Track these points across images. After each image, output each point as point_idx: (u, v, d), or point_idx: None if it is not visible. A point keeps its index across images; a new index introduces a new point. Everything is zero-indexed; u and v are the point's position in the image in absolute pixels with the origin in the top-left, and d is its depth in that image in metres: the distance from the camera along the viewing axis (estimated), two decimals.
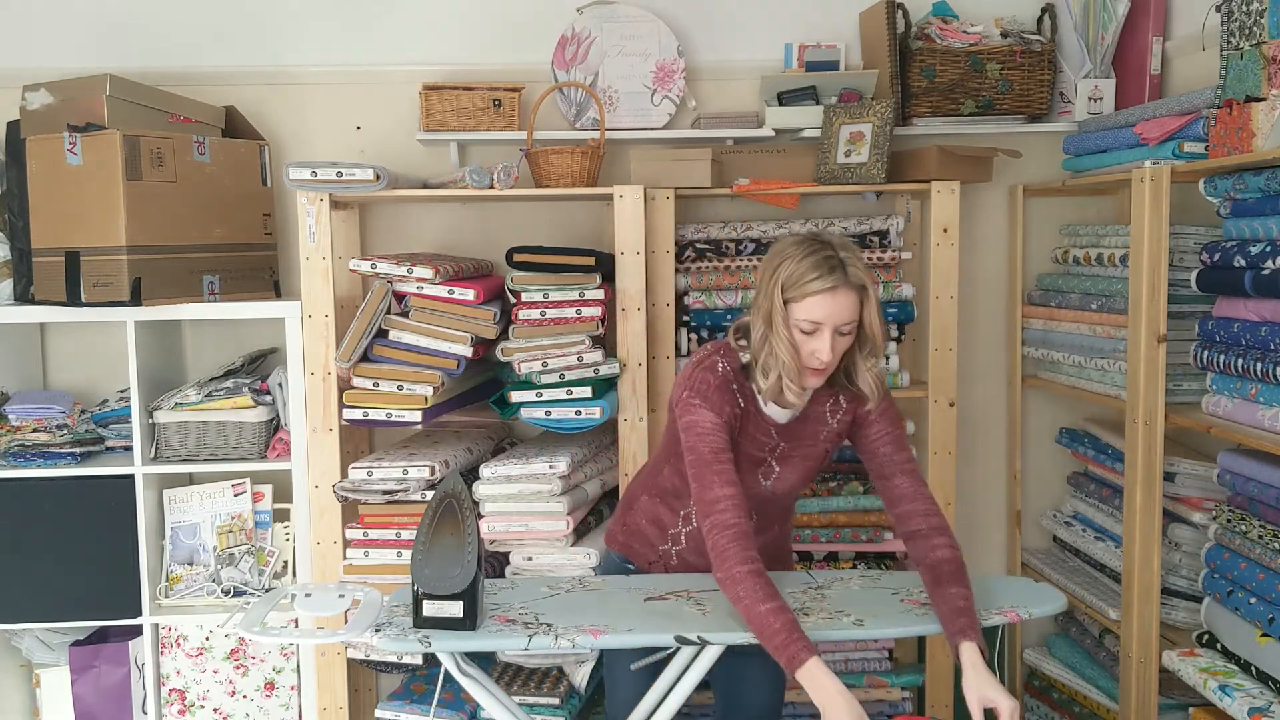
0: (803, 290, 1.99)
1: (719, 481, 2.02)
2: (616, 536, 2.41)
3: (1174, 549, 2.57)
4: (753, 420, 2.13)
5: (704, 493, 2.03)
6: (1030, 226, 3.17)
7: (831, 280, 1.98)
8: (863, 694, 2.96)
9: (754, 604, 1.93)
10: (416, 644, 2.00)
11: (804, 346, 2.02)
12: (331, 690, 2.80)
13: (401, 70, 3.07)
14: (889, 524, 2.93)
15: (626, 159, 2.95)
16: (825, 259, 1.99)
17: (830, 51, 3.03)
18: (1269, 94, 2.22)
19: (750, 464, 2.16)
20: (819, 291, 1.98)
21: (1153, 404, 2.48)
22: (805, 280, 1.99)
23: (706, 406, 2.06)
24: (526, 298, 2.69)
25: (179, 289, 2.74)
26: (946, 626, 2.01)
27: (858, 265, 2.01)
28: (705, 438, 2.05)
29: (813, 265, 1.99)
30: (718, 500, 2.01)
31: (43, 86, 2.77)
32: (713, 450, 2.04)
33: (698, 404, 2.07)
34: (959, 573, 2.06)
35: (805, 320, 2.00)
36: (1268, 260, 2.16)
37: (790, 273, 2.00)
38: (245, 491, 2.94)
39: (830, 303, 1.98)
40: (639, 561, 2.36)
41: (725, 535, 1.98)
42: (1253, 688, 2.19)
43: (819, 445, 2.20)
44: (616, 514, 2.44)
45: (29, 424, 2.84)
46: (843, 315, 2.00)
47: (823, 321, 1.99)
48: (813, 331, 2.01)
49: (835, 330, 2.01)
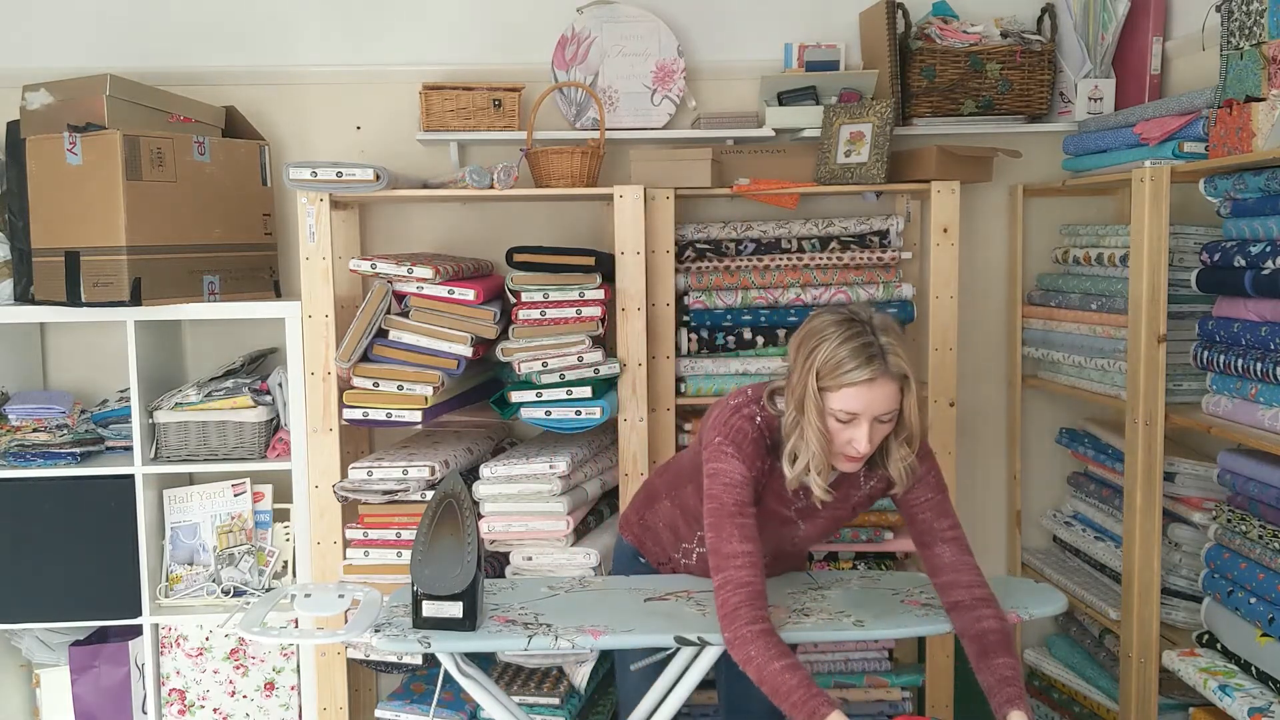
0: (839, 380, 1.88)
1: (738, 537, 1.95)
2: (633, 527, 2.38)
3: (1174, 549, 2.57)
4: (777, 478, 2.05)
5: (721, 545, 1.96)
6: (1030, 226, 3.17)
7: (870, 371, 1.87)
8: (863, 694, 2.96)
9: (766, 663, 1.87)
10: (416, 644, 2.00)
11: (839, 435, 1.93)
12: (331, 690, 2.80)
13: (401, 70, 3.07)
14: (889, 524, 2.92)
15: (626, 159, 2.95)
16: (864, 346, 1.88)
17: (830, 51, 3.03)
18: (1269, 94, 2.22)
19: (776, 521, 2.11)
20: (857, 383, 1.88)
21: (1153, 404, 2.48)
22: (843, 370, 1.88)
23: (738, 458, 1.99)
24: (526, 298, 2.69)
25: (179, 289, 2.74)
26: (993, 696, 1.94)
27: (899, 353, 1.90)
28: (731, 490, 1.98)
29: (851, 354, 1.88)
30: (735, 556, 1.94)
31: (43, 86, 2.77)
32: (736, 504, 1.97)
33: (730, 453, 1.99)
34: (1006, 643, 1.99)
35: (841, 410, 1.90)
36: (1268, 260, 2.16)
37: (826, 359, 1.89)
38: (245, 491, 2.93)
39: (868, 394, 1.88)
40: (650, 558, 2.36)
41: (738, 594, 1.92)
42: (1253, 688, 2.19)
43: (847, 507, 2.14)
44: (635, 503, 2.40)
45: (29, 424, 2.84)
46: (882, 406, 1.90)
47: (860, 413, 1.90)
48: (849, 421, 1.92)
49: (874, 420, 1.91)
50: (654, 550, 2.35)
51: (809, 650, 2.96)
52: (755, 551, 1.96)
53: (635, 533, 2.39)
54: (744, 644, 1.89)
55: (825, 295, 2.90)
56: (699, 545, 2.26)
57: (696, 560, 2.29)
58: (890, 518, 2.92)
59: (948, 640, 2.94)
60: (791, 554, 2.30)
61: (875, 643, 2.98)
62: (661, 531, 2.32)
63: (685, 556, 2.30)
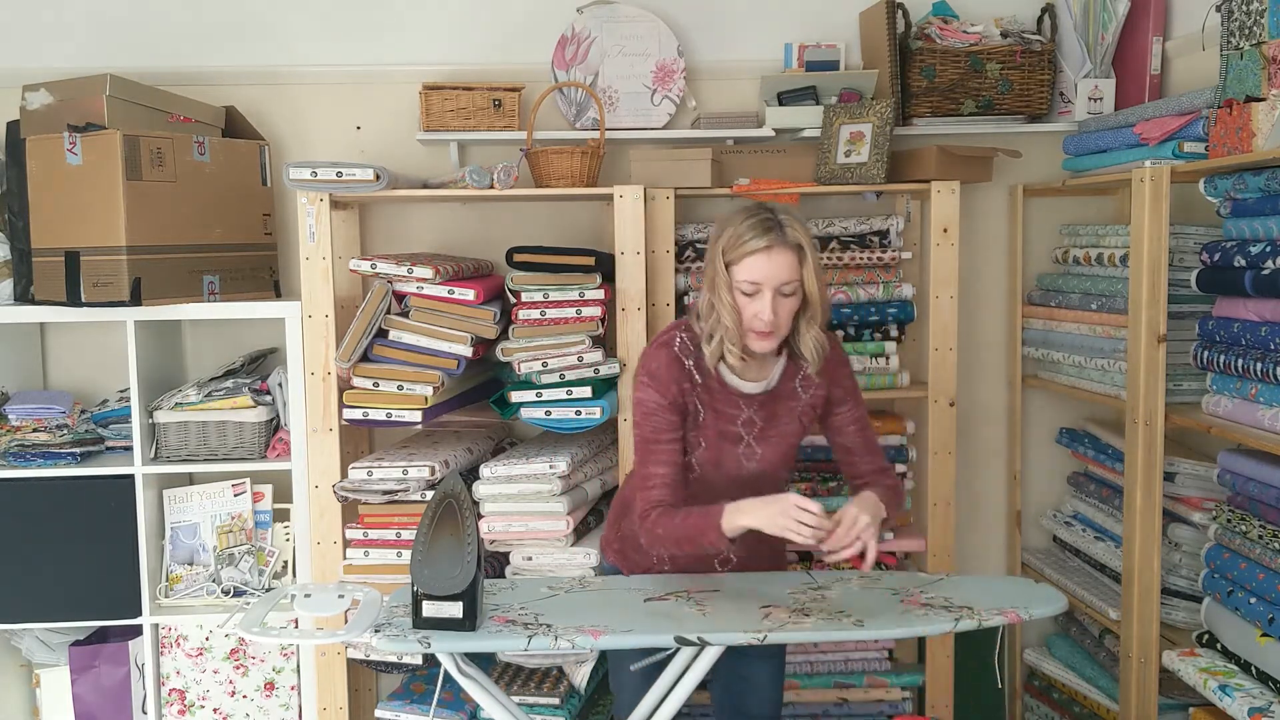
0: (741, 251, 2.04)
1: (653, 461, 2.11)
2: (612, 544, 2.41)
3: (1174, 549, 2.57)
4: (717, 395, 2.16)
5: (639, 469, 2.13)
6: (1030, 226, 3.17)
7: (767, 239, 2.03)
8: (863, 694, 2.96)
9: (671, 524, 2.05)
10: (416, 644, 2.00)
11: (746, 309, 2.06)
12: (331, 690, 2.80)
13: (401, 70, 3.07)
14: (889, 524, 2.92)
15: (626, 159, 2.95)
16: (762, 220, 2.05)
17: (830, 51, 3.03)
18: (1269, 94, 2.22)
19: (729, 442, 2.18)
20: (756, 251, 2.03)
21: (1153, 404, 2.48)
22: (743, 241, 2.04)
23: (653, 386, 2.13)
24: (526, 298, 2.69)
25: (179, 289, 2.74)
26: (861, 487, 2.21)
27: (796, 227, 2.06)
28: (649, 417, 2.12)
29: (750, 227, 2.05)
30: (648, 478, 2.11)
31: (43, 86, 2.78)
32: (654, 430, 2.11)
33: (645, 382, 2.14)
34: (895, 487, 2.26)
35: (745, 281, 2.05)
36: (1268, 260, 2.16)
37: (730, 235, 2.06)
38: (245, 491, 2.94)
39: (767, 262, 2.03)
40: (632, 571, 2.36)
41: (648, 505, 2.11)
42: (1253, 688, 2.19)
43: (795, 422, 2.23)
44: (611, 519, 2.44)
45: (29, 424, 2.84)
46: (781, 275, 2.04)
47: (761, 282, 2.04)
48: (754, 293, 2.05)
49: (776, 291, 2.05)
50: (636, 560, 2.34)
51: (809, 650, 2.96)
52: (670, 473, 2.12)
53: (615, 549, 2.40)
54: (651, 530, 2.09)
55: None
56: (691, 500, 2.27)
57: None
58: None
59: (948, 640, 2.94)
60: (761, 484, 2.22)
61: (875, 643, 2.98)
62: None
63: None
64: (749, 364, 2.16)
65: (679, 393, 2.13)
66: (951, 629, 2.06)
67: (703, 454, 2.18)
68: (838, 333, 2.91)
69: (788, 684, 2.95)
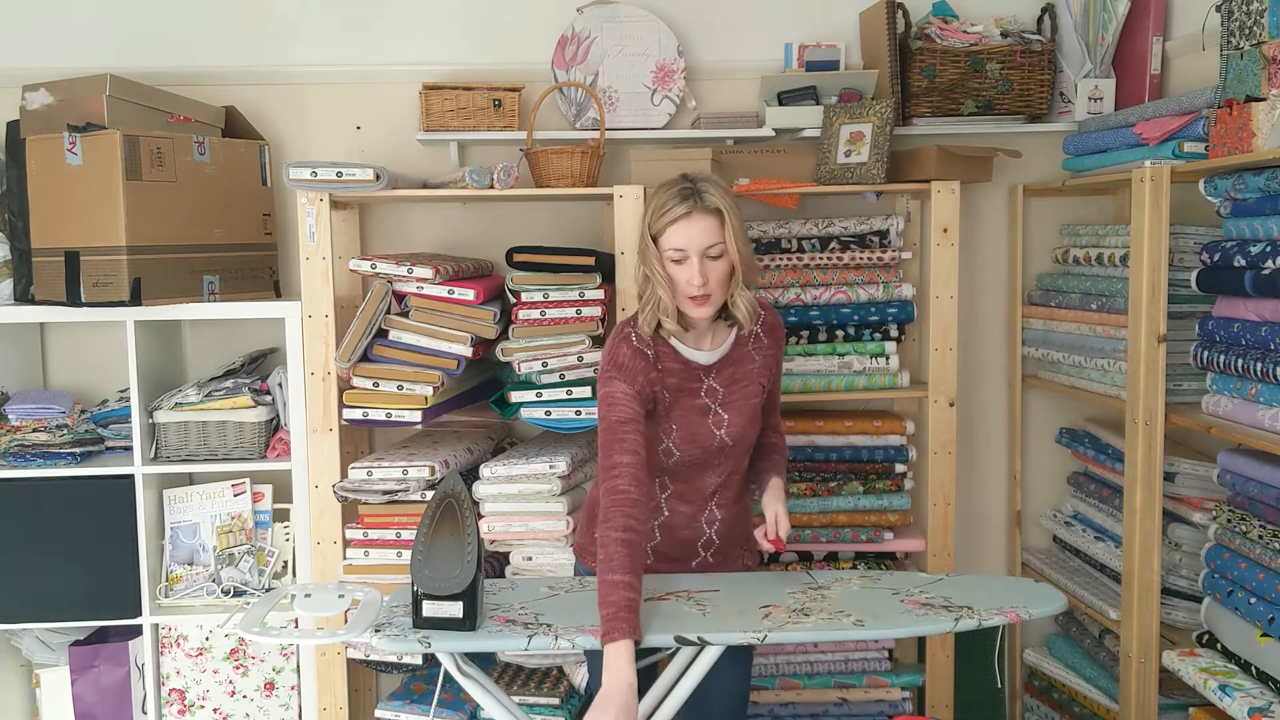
0: (663, 221, 2.11)
1: (618, 450, 2.10)
2: (588, 548, 2.39)
3: (1174, 549, 2.57)
4: (679, 375, 2.20)
5: (604, 460, 2.12)
6: (1030, 226, 3.17)
7: (686, 206, 2.09)
8: (863, 694, 2.96)
9: (611, 571, 1.99)
10: (416, 644, 2.00)
11: (678, 278, 2.12)
12: (331, 690, 2.80)
13: (401, 70, 3.07)
14: (889, 524, 2.93)
15: (626, 159, 2.95)
16: (680, 190, 2.11)
17: (830, 51, 3.03)
18: (1269, 94, 2.22)
19: (698, 414, 2.22)
20: (677, 219, 2.09)
21: (1153, 404, 2.48)
22: (665, 211, 2.11)
23: (620, 378, 2.15)
24: (526, 298, 2.69)
25: (179, 289, 2.74)
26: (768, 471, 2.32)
27: (714, 192, 2.11)
28: (615, 408, 2.13)
29: (670, 197, 2.11)
30: (614, 467, 2.09)
31: (43, 86, 2.77)
32: (619, 420, 2.12)
33: (613, 376, 2.16)
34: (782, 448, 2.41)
35: (671, 249, 2.11)
36: (1268, 260, 2.16)
37: (652, 209, 2.14)
38: (245, 491, 2.94)
39: (688, 228, 2.09)
40: None
41: (610, 499, 2.07)
42: (1253, 688, 2.20)
43: (754, 383, 2.28)
44: (582, 526, 2.44)
45: (29, 424, 2.84)
46: (703, 239, 2.10)
47: (686, 247, 2.10)
48: (681, 259, 2.11)
49: (702, 255, 2.10)
50: None
51: (809, 650, 2.96)
52: (634, 463, 2.10)
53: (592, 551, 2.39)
54: (606, 545, 2.02)
55: (825, 295, 2.90)
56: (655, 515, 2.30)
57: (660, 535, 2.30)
58: (890, 518, 2.92)
59: (948, 640, 2.94)
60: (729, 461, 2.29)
61: (875, 643, 2.98)
62: None
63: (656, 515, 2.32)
64: (702, 334, 2.22)
65: (645, 383, 2.16)
66: (951, 629, 2.06)
67: (676, 435, 2.22)
68: (838, 332, 2.92)
69: (788, 684, 2.96)
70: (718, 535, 2.32)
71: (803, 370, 2.91)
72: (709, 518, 2.30)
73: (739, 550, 2.39)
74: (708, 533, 2.31)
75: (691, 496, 2.28)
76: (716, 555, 2.34)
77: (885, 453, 2.94)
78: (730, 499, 2.32)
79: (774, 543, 2.19)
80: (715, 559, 2.34)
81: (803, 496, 2.90)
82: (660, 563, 2.33)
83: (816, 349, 2.92)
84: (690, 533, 2.31)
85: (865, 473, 2.93)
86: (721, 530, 2.32)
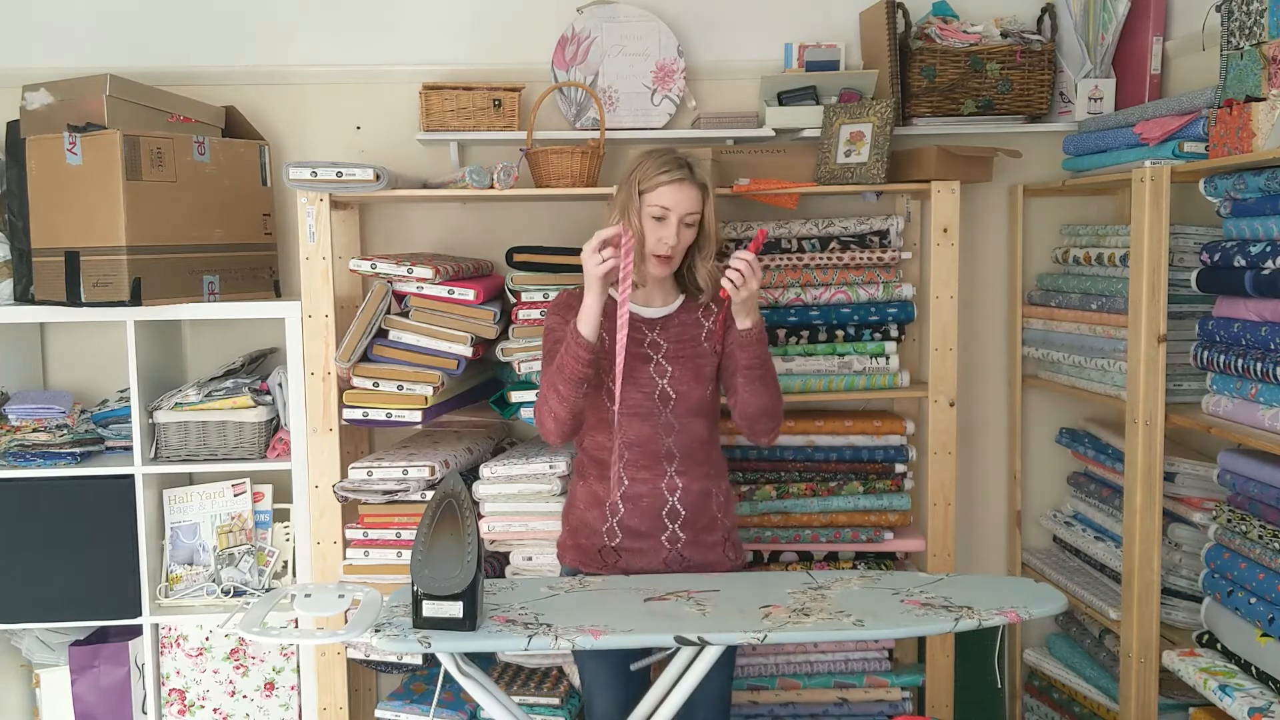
0: (655, 181, 2.30)
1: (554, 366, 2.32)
2: (566, 546, 2.47)
3: (1174, 549, 2.57)
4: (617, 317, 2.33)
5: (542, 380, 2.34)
6: (1030, 226, 3.17)
7: (680, 173, 2.31)
8: (863, 694, 2.96)
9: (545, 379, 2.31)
10: (416, 644, 2.00)
11: (652, 234, 2.31)
12: (331, 690, 2.80)
13: (401, 70, 3.07)
14: (889, 524, 2.93)
15: (626, 159, 2.94)
16: (675, 158, 2.33)
17: (830, 51, 3.03)
18: (1269, 94, 2.22)
19: (639, 361, 2.36)
20: (669, 181, 2.30)
21: (1153, 404, 2.48)
22: (658, 171, 2.31)
23: (559, 314, 2.37)
24: (526, 298, 2.69)
25: (179, 289, 2.74)
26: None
27: (703, 169, 2.35)
28: (552, 335, 2.36)
29: (664, 161, 2.32)
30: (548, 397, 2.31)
31: (43, 86, 2.77)
32: (556, 341, 2.33)
33: (553, 312, 2.39)
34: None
35: (656, 206, 2.30)
36: (1268, 260, 2.16)
37: (645, 168, 2.33)
38: (245, 491, 2.94)
39: (677, 192, 2.30)
40: (590, 566, 2.40)
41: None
42: (1253, 688, 2.20)
43: (701, 344, 2.40)
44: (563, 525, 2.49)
45: (29, 424, 2.84)
46: (688, 205, 2.31)
47: (670, 208, 2.30)
48: (662, 218, 2.31)
49: (681, 220, 2.31)
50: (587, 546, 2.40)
51: (809, 650, 2.96)
52: None
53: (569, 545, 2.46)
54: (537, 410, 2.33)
55: (825, 295, 2.90)
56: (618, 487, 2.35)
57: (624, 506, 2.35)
58: (890, 518, 2.92)
59: (948, 640, 2.94)
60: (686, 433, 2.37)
61: (875, 643, 2.98)
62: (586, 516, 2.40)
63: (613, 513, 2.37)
64: (651, 292, 2.41)
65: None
66: (951, 629, 2.06)
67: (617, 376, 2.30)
68: (838, 332, 2.92)
69: (788, 684, 2.96)
70: (682, 505, 2.35)
71: (803, 370, 2.91)
72: (669, 484, 2.35)
73: (716, 536, 2.40)
74: (670, 500, 2.35)
75: (647, 461, 2.34)
76: (685, 529, 2.35)
77: (885, 453, 2.94)
78: (691, 468, 2.36)
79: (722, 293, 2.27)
80: (685, 533, 2.35)
81: (803, 496, 2.90)
82: (629, 539, 2.35)
83: (816, 349, 2.92)
84: (652, 501, 2.34)
85: (865, 473, 2.93)
86: (686, 500, 2.36)
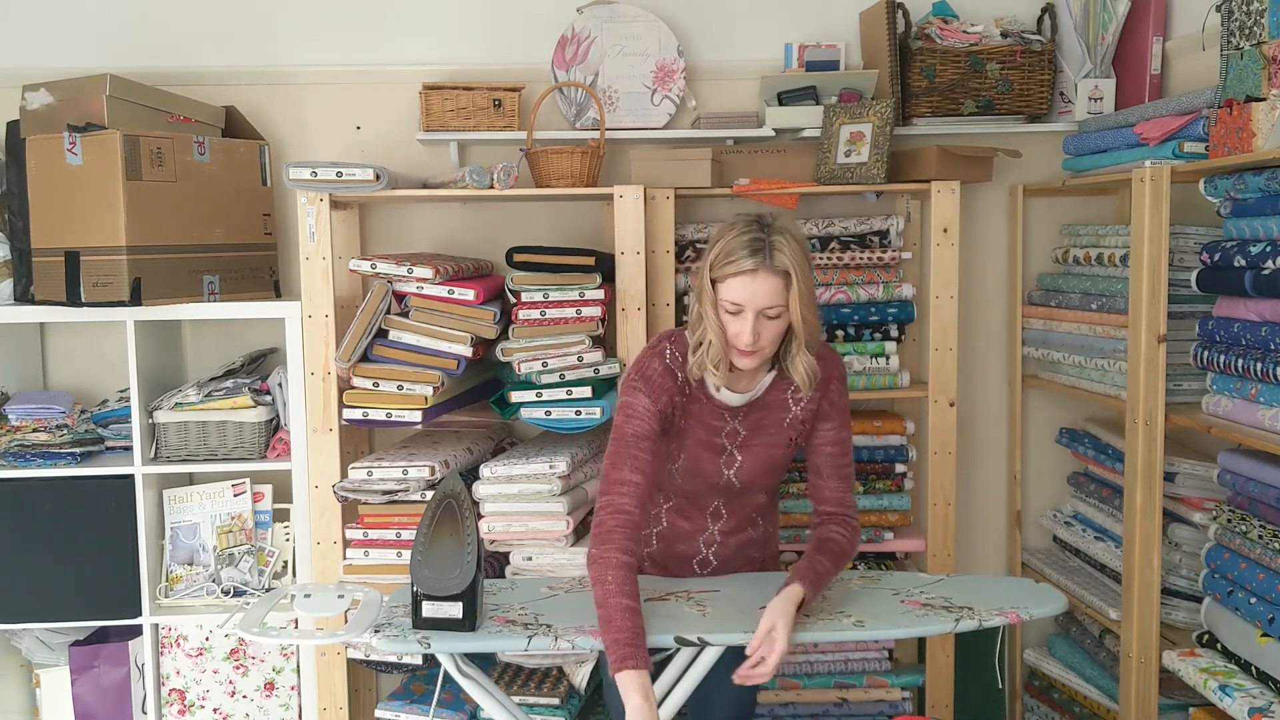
0: (725, 271, 1.98)
1: (629, 466, 2.04)
2: None
3: (1174, 549, 2.57)
4: (702, 405, 2.13)
5: (611, 472, 2.05)
6: (1030, 226, 3.17)
7: (753, 262, 1.96)
8: (863, 694, 2.96)
9: (614, 595, 1.94)
10: (416, 644, 2.00)
11: (729, 327, 2.02)
12: (331, 690, 2.80)
13: (401, 70, 3.07)
14: (889, 524, 2.93)
15: (626, 159, 2.95)
16: (752, 240, 1.97)
17: (830, 51, 3.03)
18: (1269, 94, 2.22)
19: (709, 452, 2.16)
20: (739, 274, 1.97)
21: (1153, 404, 2.48)
22: (729, 261, 1.98)
23: (644, 391, 2.08)
24: (526, 298, 2.69)
25: (179, 289, 2.74)
26: (795, 571, 2.06)
27: (785, 250, 1.97)
28: (632, 420, 2.07)
29: (739, 246, 1.98)
30: (621, 483, 2.03)
31: (43, 86, 2.77)
32: (635, 434, 2.06)
33: (638, 387, 2.09)
34: (838, 554, 2.12)
35: (728, 301, 2.00)
36: (1268, 260, 2.16)
37: (718, 252, 2.00)
38: (245, 491, 2.94)
39: (750, 285, 1.97)
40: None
41: (616, 519, 2.01)
42: (1253, 688, 2.19)
43: (783, 432, 2.18)
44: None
45: (29, 424, 2.84)
46: (764, 299, 1.98)
47: (744, 304, 1.98)
48: (736, 313, 2.00)
49: (759, 314, 1.99)
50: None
51: (809, 650, 2.96)
52: (643, 484, 2.04)
53: None
54: (604, 566, 1.96)
55: (825, 295, 2.90)
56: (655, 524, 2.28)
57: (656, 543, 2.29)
58: (890, 518, 2.92)
59: (948, 640, 2.94)
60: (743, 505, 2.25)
61: (875, 643, 2.98)
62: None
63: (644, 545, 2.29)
64: (739, 375, 2.13)
65: (669, 403, 2.10)
66: (951, 629, 2.06)
67: (682, 463, 2.18)
68: (838, 333, 2.92)
69: (788, 684, 2.96)
70: (715, 557, 2.29)
71: None
72: (707, 539, 2.28)
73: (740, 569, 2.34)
74: (704, 553, 2.28)
75: (691, 514, 2.26)
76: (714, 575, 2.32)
77: (885, 453, 2.94)
78: (734, 526, 2.27)
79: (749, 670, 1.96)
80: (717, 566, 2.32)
81: (802, 496, 2.90)
82: (654, 568, 2.32)
83: None
84: (686, 548, 2.29)
85: (865, 473, 2.93)
86: (720, 553, 2.29)
